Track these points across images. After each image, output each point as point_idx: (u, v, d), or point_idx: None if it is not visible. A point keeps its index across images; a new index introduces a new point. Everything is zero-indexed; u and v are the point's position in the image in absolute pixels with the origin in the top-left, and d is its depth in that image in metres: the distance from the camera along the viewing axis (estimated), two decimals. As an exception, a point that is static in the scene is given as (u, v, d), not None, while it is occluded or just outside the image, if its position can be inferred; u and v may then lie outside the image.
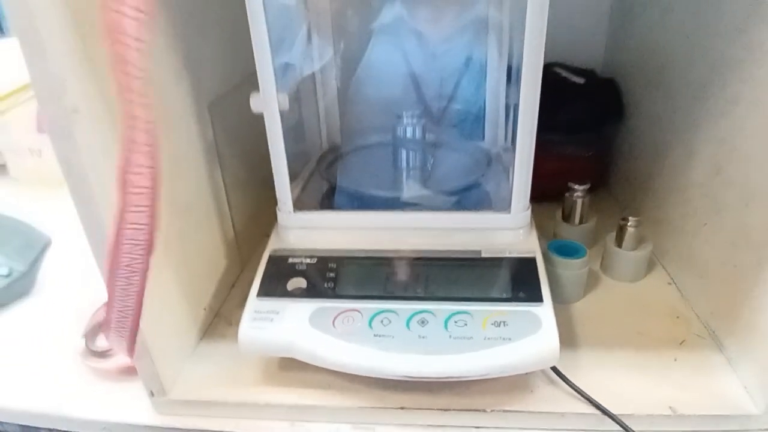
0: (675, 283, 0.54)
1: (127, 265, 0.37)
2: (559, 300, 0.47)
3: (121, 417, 0.44)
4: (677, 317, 0.50)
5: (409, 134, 0.51)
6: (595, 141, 0.68)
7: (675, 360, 0.45)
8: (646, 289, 0.54)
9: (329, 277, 0.43)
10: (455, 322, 0.39)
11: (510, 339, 0.38)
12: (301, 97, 0.55)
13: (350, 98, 0.59)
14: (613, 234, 0.55)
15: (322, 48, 0.57)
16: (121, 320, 0.39)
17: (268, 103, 0.42)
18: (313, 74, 0.57)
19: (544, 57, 0.39)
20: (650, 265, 0.56)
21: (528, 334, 0.38)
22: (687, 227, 0.53)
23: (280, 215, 0.47)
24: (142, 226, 0.35)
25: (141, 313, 0.39)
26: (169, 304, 0.44)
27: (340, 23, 0.57)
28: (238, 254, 0.57)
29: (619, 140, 0.71)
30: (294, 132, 0.53)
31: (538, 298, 0.40)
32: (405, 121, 0.50)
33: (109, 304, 0.37)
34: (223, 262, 0.54)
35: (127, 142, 0.31)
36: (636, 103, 0.67)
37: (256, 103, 0.43)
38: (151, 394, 0.43)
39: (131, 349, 0.41)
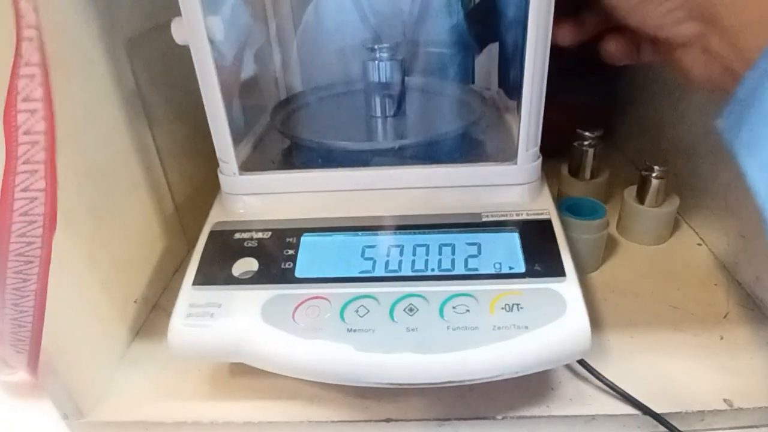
0: (706, 244, 0.46)
1: (19, 254, 0.27)
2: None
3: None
4: (715, 285, 0.41)
5: (384, 74, 0.41)
6: (599, 84, 0.59)
7: (721, 338, 0.37)
8: (674, 252, 0.45)
9: (287, 256, 0.33)
10: (454, 307, 0.30)
11: (527, 327, 0.29)
12: (249, 30, 0.44)
13: (312, 34, 0.48)
14: (633, 188, 0.46)
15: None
16: (17, 330, 0.29)
17: (194, 28, 0.32)
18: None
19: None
20: (674, 225, 0.47)
21: (550, 320, 0.29)
22: (721, 177, 0.44)
23: (222, 179, 0.37)
24: (37, 194, 0.25)
25: (43, 319, 0.29)
26: (83, 300, 0.34)
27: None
28: (181, 231, 0.47)
29: (626, 82, 0.62)
30: (243, 74, 0.43)
31: (559, 271, 0.31)
32: (379, 56, 0.40)
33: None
34: (161, 241, 0.44)
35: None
36: (647, 38, 0.57)
37: (178, 31, 0.32)
38: (65, 416, 0.33)
39: (34, 366, 0.31)
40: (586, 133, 0.48)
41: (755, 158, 0.23)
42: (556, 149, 0.51)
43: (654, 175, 0.43)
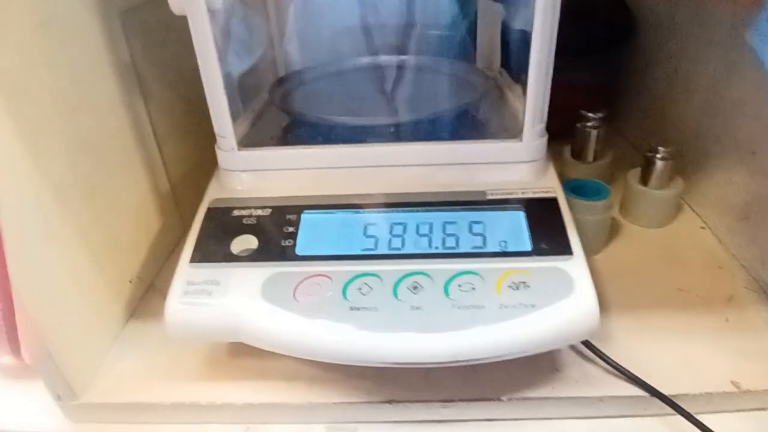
0: (710, 228, 0.45)
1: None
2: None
3: (23, 425, 0.33)
4: (719, 268, 0.41)
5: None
6: (602, 65, 0.58)
7: (727, 320, 0.36)
8: (677, 235, 0.45)
9: (287, 233, 0.32)
10: (459, 285, 0.29)
11: (534, 306, 0.28)
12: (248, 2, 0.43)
13: (312, 8, 0.47)
14: (637, 170, 0.45)
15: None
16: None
17: (192, -4, 0.30)
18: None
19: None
20: (676, 208, 0.47)
21: (557, 299, 0.28)
22: (725, 160, 0.43)
23: (220, 155, 0.36)
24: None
25: (12, 296, 0.28)
26: (75, 278, 0.33)
27: None
28: (176, 210, 0.46)
29: (629, 64, 0.61)
30: (240, 48, 0.41)
31: (566, 249, 0.30)
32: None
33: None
34: (156, 221, 0.42)
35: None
36: (649, 17, 0.56)
37: (175, 0, 0.31)
38: (58, 397, 0.32)
39: (15, 348, 0.30)
40: (590, 114, 0.47)
41: None
42: (557, 132, 0.51)
43: (659, 156, 0.42)
